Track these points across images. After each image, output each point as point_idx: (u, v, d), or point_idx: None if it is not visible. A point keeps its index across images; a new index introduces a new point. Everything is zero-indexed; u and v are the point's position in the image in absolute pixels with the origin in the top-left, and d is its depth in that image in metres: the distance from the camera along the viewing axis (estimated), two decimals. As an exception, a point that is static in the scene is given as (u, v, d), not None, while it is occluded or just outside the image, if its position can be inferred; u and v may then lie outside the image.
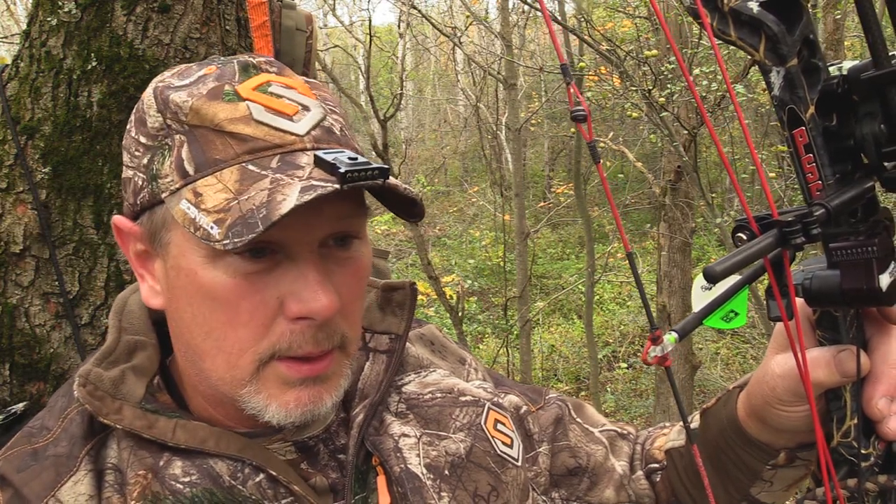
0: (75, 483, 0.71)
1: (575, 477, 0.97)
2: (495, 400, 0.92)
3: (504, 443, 0.87)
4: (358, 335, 0.79)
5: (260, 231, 0.62)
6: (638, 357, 10.22)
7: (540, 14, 9.13)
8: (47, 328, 1.26)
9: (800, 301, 0.67)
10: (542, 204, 14.39)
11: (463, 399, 0.88)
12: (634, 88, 6.13)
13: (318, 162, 0.66)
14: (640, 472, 0.98)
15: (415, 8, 8.98)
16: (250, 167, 0.67)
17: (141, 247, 0.75)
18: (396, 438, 0.81)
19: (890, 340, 0.67)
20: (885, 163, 0.58)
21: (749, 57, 0.62)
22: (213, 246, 0.64)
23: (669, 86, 5.61)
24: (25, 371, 1.25)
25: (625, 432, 1.03)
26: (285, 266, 0.69)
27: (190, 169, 0.68)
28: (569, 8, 9.89)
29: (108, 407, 0.73)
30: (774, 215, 0.51)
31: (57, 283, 1.25)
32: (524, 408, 0.97)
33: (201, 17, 1.31)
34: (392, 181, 0.67)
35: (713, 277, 0.46)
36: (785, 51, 0.57)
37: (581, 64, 7.74)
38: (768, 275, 0.55)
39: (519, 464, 0.88)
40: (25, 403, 1.14)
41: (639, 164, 8.38)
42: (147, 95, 0.73)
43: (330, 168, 0.65)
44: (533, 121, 13.64)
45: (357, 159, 0.66)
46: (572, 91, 0.48)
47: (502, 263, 9.67)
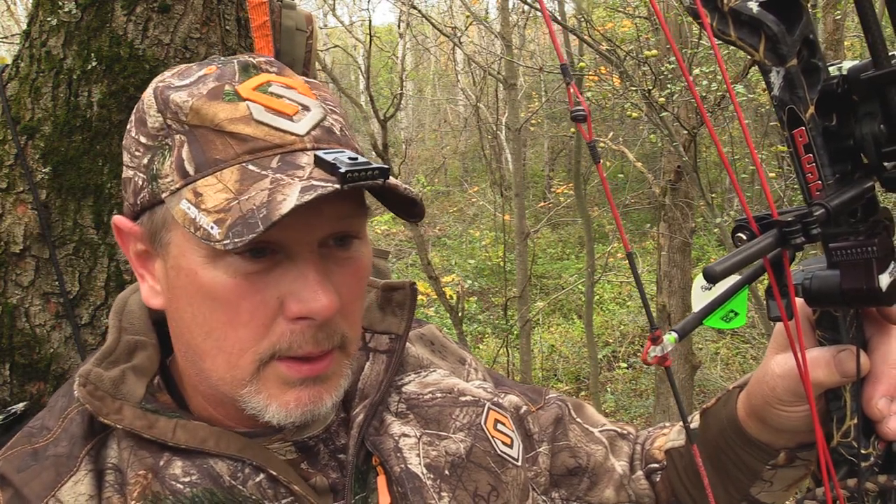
0: (75, 483, 0.71)
1: (575, 477, 0.97)
2: (495, 400, 0.92)
3: (504, 443, 0.87)
4: (358, 335, 0.79)
5: (260, 231, 0.62)
6: (638, 357, 10.21)
7: (540, 14, 9.13)
8: (47, 328, 1.26)
9: (800, 301, 0.67)
10: (542, 204, 14.39)
11: (463, 399, 0.88)
12: (634, 88, 6.12)
13: (319, 162, 0.66)
14: (640, 472, 0.98)
15: (415, 8, 8.98)
16: (250, 167, 0.67)
17: (141, 247, 0.75)
18: (396, 438, 0.81)
19: (890, 340, 0.67)
20: (885, 163, 0.58)
21: (749, 57, 0.62)
22: (214, 246, 0.64)
23: (669, 86, 5.61)
24: (25, 371, 1.25)
25: (625, 432, 1.03)
26: (285, 266, 0.69)
27: (190, 169, 0.68)
28: (569, 8, 9.89)
29: (109, 407, 0.73)
30: (774, 215, 0.51)
31: (57, 283, 1.25)
32: (524, 408, 0.97)
33: (201, 17, 1.31)
34: (392, 181, 0.67)
35: (713, 277, 0.46)
36: (785, 51, 0.58)
37: (581, 64, 7.74)
38: (768, 275, 0.55)
39: (519, 464, 0.88)
40: (25, 403, 1.14)
41: (639, 164, 8.38)
42: (147, 95, 0.73)
43: (330, 168, 0.65)
44: (533, 121, 13.63)
45: (357, 159, 0.66)
46: (572, 91, 0.49)
47: (502, 263, 9.67)
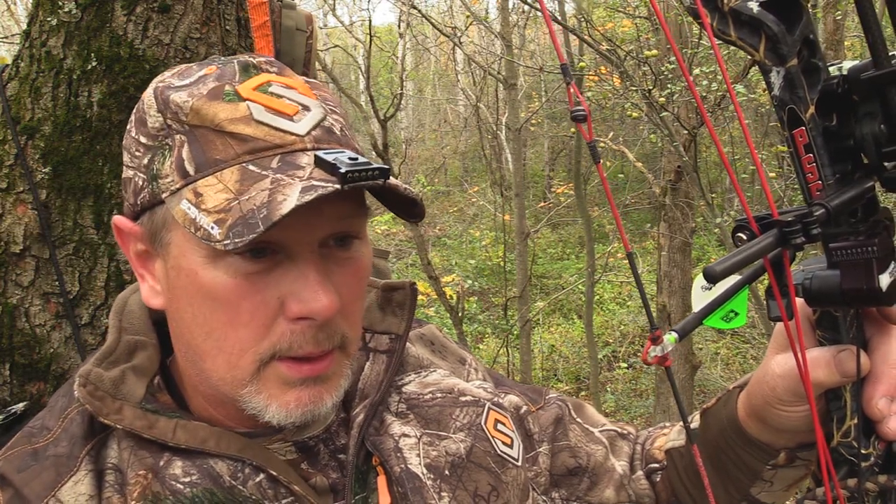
0: (76, 483, 0.71)
1: (575, 477, 0.97)
2: (495, 400, 0.92)
3: (504, 443, 0.87)
4: (358, 335, 0.79)
5: (260, 231, 0.62)
6: (638, 357, 10.21)
7: (540, 14, 9.13)
8: (47, 328, 1.26)
9: (800, 301, 0.67)
10: (542, 204, 14.39)
11: (463, 399, 0.88)
12: (634, 88, 6.12)
13: (319, 162, 0.66)
14: (641, 472, 0.98)
15: (415, 8, 8.98)
16: (251, 167, 0.67)
17: (141, 247, 0.75)
18: (397, 438, 0.81)
19: (890, 340, 0.67)
20: (885, 163, 0.58)
21: (749, 57, 0.62)
22: (214, 246, 0.64)
23: (669, 86, 5.60)
24: (25, 371, 1.25)
25: (625, 432, 1.03)
26: (286, 266, 0.69)
27: (190, 169, 0.68)
28: (569, 8, 9.89)
29: (109, 407, 0.73)
30: (774, 215, 0.51)
31: (57, 283, 1.25)
32: (524, 408, 0.97)
33: (201, 17, 1.31)
34: (392, 181, 0.67)
35: (713, 277, 0.46)
36: (785, 51, 0.57)
37: (581, 64, 7.74)
38: (768, 275, 0.55)
39: (519, 464, 0.88)
40: (25, 403, 1.14)
41: (639, 164, 8.38)
42: (147, 95, 0.73)
43: (330, 168, 0.65)
44: (533, 121, 13.63)
45: (357, 159, 0.66)
46: (572, 91, 0.49)
47: (502, 263, 9.67)
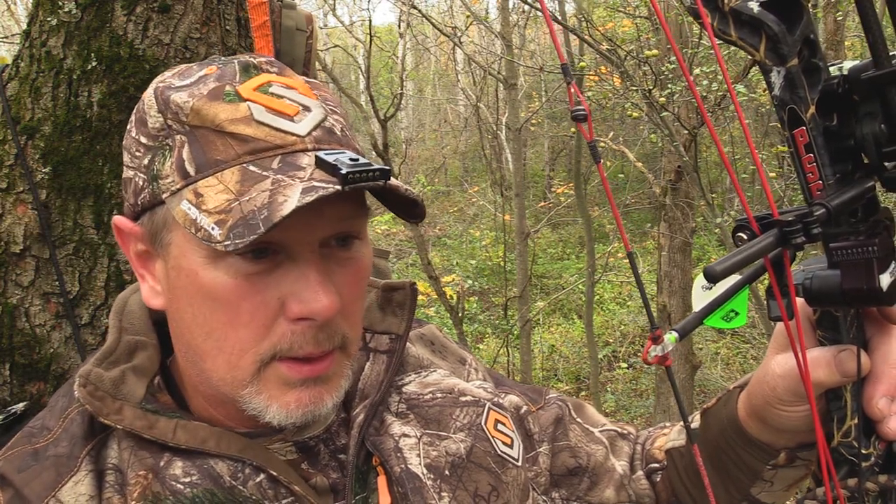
0: (76, 483, 0.71)
1: (575, 477, 0.97)
2: (495, 400, 0.92)
3: (504, 443, 0.87)
4: (359, 335, 0.79)
5: (261, 232, 0.62)
6: (638, 357, 10.21)
7: (540, 14, 9.13)
8: (47, 328, 1.26)
9: (800, 301, 0.67)
10: (543, 204, 14.38)
11: (463, 399, 0.88)
12: (635, 88, 6.12)
13: (320, 163, 0.66)
14: (641, 472, 0.98)
15: (415, 8, 8.98)
16: (251, 168, 0.67)
17: (142, 247, 0.75)
18: (397, 438, 0.81)
19: (890, 340, 0.67)
20: (886, 163, 0.58)
21: (749, 57, 0.62)
22: (215, 247, 0.64)
23: (670, 86, 5.60)
24: (25, 371, 1.25)
25: (625, 432, 1.03)
26: (286, 267, 0.69)
27: (191, 169, 0.68)
28: (569, 8, 9.89)
29: (109, 407, 0.73)
30: (775, 215, 0.51)
31: (57, 283, 1.25)
32: (524, 408, 0.97)
33: (201, 17, 1.31)
34: (393, 182, 0.67)
35: (713, 277, 0.46)
36: (785, 51, 0.57)
37: (581, 64, 7.73)
38: (769, 274, 0.55)
39: (519, 464, 0.88)
40: (25, 403, 1.14)
41: (639, 164, 8.38)
42: (147, 96, 0.73)
43: (331, 169, 0.65)
44: (533, 121, 13.63)
45: (358, 160, 0.66)
46: (573, 90, 0.48)
47: (502, 263, 9.67)
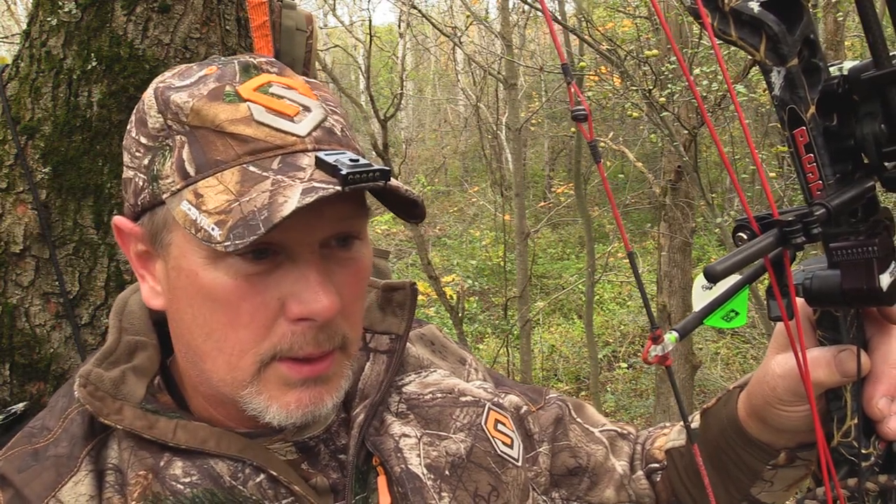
0: (76, 483, 0.71)
1: (575, 477, 0.97)
2: (496, 400, 0.92)
3: (504, 443, 0.87)
4: (359, 336, 0.79)
5: (261, 233, 0.62)
6: (638, 357, 10.21)
7: (540, 14, 9.13)
8: (47, 328, 1.26)
9: (800, 301, 0.67)
10: (543, 204, 14.38)
11: (463, 399, 0.88)
12: (635, 88, 6.12)
13: (320, 163, 0.66)
14: (641, 472, 0.98)
15: (415, 8, 8.98)
16: (251, 168, 0.67)
17: (142, 247, 0.75)
18: (397, 439, 0.81)
19: (890, 340, 0.67)
20: (886, 163, 0.58)
21: (749, 57, 0.62)
22: (215, 248, 0.64)
23: (670, 86, 5.60)
24: (25, 371, 1.25)
25: (625, 432, 1.03)
26: (286, 267, 0.69)
27: (191, 170, 0.68)
28: (569, 8, 9.90)
29: (109, 407, 0.73)
30: (775, 215, 0.51)
31: (57, 283, 1.25)
32: (524, 408, 0.97)
33: (201, 17, 1.31)
34: (393, 183, 0.67)
35: (714, 277, 0.46)
36: (785, 51, 0.57)
37: (581, 64, 7.73)
38: (769, 274, 0.55)
39: (519, 464, 0.88)
40: (25, 403, 1.14)
41: (639, 164, 8.38)
42: (148, 96, 0.73)
43: (331, 170, 0.65)
44: (533, 121, 13.62)
45: (358, 161, 0.66)
46: (573, 90, 0.48)
47: (502, 263, 9.67)
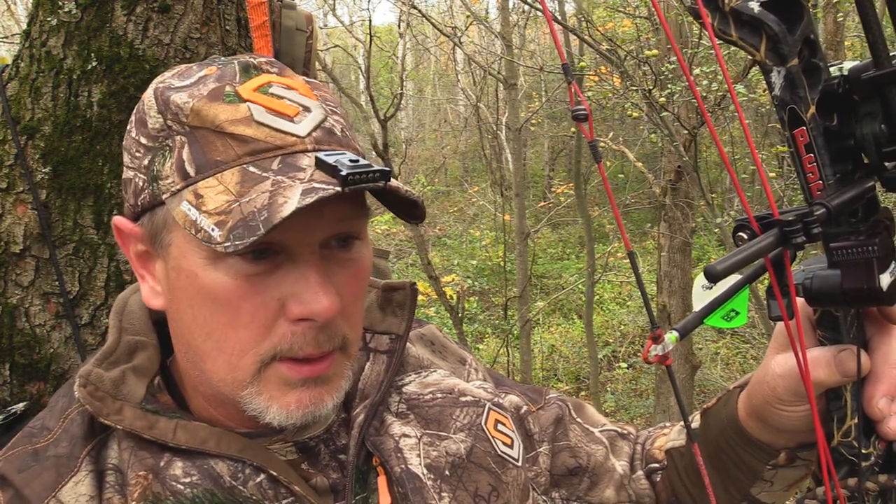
0: (76, 483, 0.71)
1: (575, 477, 0.97)
2: (496, 400, 0.92)
3: (504, 443, 0.87)
4: (359, 336, 0.79)
5: (261, 233, 0.62)
6: (638, 357, 10.21)
7: (540, 14, 9.13)
8: (47, 328, 1.26)
9: (800, 301, 0.67)
10: (543, 204, 14.38)
11: (463, 399, 0.88)
12: (635, 88, 6.12)
13: (320, 164, 0.66)
14: (641, 472, 0.98)
15: (415, 8, 8.98)
16: (251, 169, 0.67)
17: (142, 248, 0.75)
18: (397, 439, 0.81)
19: (890, 340, 0.67)
20: (886, 163, 0.58)
21: (750, 57, 0.62)
22: (215, 248, 0.64)
23: (670, 86, 5.60)
24: (25, 371, 1.25)
25: (625, 432, 1.03)
26: (286, 268, 0.69)
27: (191, 170, 0.68)
28: (569, 8, 9.90)
29: (109, 407, 0.73)
30: (775, 215, 0.51)
31: (57, 283, 1.25)
32: (524, 408, 0.97)
33: (201, 17, 1.31)
34: (393, 183, 0.67)
35: (714, 277, 0.46)
36: (786, 51, 0.57)
37: (581, 64, 7.73)
38: (769, 274, 0.55)
39: (519, 464, 0.88)
40: (25, 403, 1.14)
41: (639, 164, 8.37)
42: (147, 96, 0.73)
43: (331, 170, 0.65)
44: (533, 121, 13.62)
45: (358, 161, 0.66)
46: (573, 90, 0.48)
47: (502, 263, 9.67)
